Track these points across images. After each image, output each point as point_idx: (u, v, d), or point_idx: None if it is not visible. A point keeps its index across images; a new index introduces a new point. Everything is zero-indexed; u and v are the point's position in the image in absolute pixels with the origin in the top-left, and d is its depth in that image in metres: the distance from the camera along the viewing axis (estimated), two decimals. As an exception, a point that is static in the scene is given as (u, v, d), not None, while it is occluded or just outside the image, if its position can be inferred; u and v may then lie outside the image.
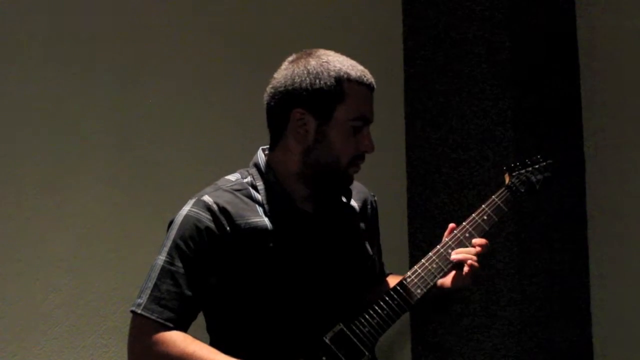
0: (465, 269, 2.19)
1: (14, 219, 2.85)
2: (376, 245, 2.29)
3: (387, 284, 2.30)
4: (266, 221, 2.05)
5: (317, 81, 2.06)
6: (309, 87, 2.06)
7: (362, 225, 2.22)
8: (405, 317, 3.74)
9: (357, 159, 2.11)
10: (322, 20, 3.52)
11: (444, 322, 3.63)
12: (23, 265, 2.86)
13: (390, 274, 2.35)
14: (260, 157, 2.14)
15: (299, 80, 2.07)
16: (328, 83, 2.06)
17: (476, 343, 3.54)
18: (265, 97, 2.13)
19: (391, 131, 3.74)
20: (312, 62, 2.08)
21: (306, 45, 2.20)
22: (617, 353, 3.64)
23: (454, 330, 3.60)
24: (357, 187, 2.23)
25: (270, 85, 2.12)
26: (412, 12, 3.80)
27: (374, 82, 2.12)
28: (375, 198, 2.32)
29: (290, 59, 2.13)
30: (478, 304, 3.54)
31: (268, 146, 2.16)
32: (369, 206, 2.27)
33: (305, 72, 2.07)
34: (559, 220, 3.62)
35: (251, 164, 2.15)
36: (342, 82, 2.06)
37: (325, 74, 2.06)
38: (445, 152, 3.66)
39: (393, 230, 3.64)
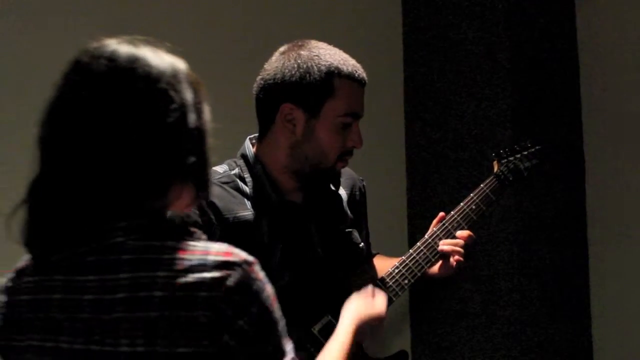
0: (452, 261, 2.20)
1: (14, 219, 2.84)
2: (364, 229, 2.29)
3: (373, 266, 2.29)
4: (254, 214, 2.05)
5: (307, 76, 2.03)
6: (298, 81, 2.03)
7: (350, 213, 2.22)
8: (405, 316, 3.75)
9: (345, 155, 2.09)
10: (321, 19, 3.52)
11: (444, 322, 3.63)
12: (23, 265, 2.85)
13: (377, 254, 2.35)
14: (248, 147, 2.12)
15: (289, 74, 2.04)
16: (318, 78, 2.03)
17: (476, 343, 3.54)
18: (255, 88, 2.10)
19: (391, 131, 3.74)
20: (303, 55, 2.05)
21: (306, 44, 2.18)
22: (617, 353, 3.64)
23: (454, 330, 3.60)
24: (345, 173, 2.21)
25: (260, 77, 2.09)
26: (412, 12, 3.79)
27: (365, 77, 2.09)
28: (364, 183, 2.31)
29: (281, 49, 2.10)
30: (478, 304, 3.54)
31: (256, 135, 2.14)
32: (357, 192, 2.26)
33: (296, 65, 2.04)
34: (559, 220, 3.61)
35: (238, 154, 2.13)
36: (333, 77, 2.04)
37: (315, 68, 2.03)
38: (445, 152, 3.66)
39: (393, 230, 3.64)
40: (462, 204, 2.27)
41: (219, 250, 1.32)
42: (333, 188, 2.19)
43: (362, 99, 2.10)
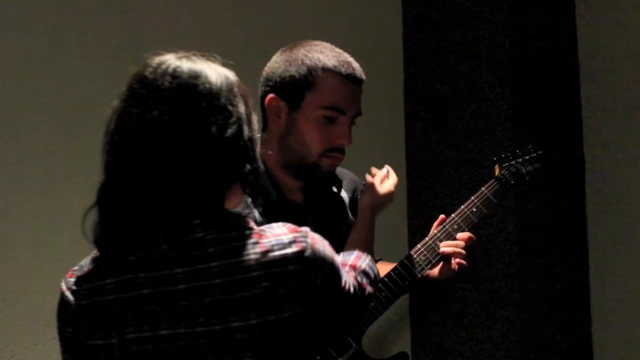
0: (453, 262, 2.19)
1: (14, 219, 2.85)
2: None
3: None
4: (255, 213, 2.04)
5: (291, 69, 2.06)
6: (282, 73, 2.07)
7: (351, 215, 2.22)
8: (405, 316, 3.75)
9: (331, 151, 2.08)
10: (322, 20, 3.52)
11: (444, 322, 3.63)
12: (23, 265, 2.86)
13: (380, 259, 2.35)
14: None
15: (276, 66, 2.09)
16: (299, 70, 2.05)
17: (476, 343, 3.54)
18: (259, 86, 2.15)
19: (391, 131, 3.74)
20: (295, 52, 2.09)
21: (306, 45, 2.19)
22: (617, 353, 3.64)
23: (454, 330, 3.60)
24: (348, 176, 2.22)
25: (261, 75, 2.14)
26: (412, 12, 3.80)
27: (357, 75, 2.08)
28: None
29: (282, 48, 2.14)
30: (478, 304, 3.54)
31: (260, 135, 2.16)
32: (358, 195, 2.26)
33: (283, 60, 2.08)
34: (559, 220, 3.61)
35: None
36: (314, 70, 2.05)
37: (299, 61, 2.06)
38: (445, 152, 3.66)
39: (393, 230, 3.64)
40: (462, 206, 2.27)
41: (285, 230, 1.56)
42: (335, 190, 2.19)
43: (350, 95, 2.08)
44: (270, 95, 2.07)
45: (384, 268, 2.26)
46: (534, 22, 3.62)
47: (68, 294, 1.57)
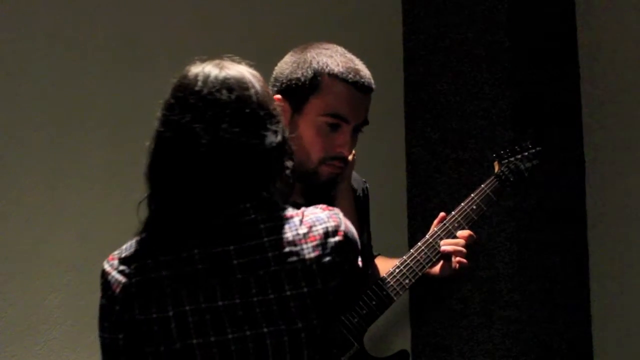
0: (453, 261, 2.19)
1: (14, 219, 2.85)
2: (366, 231, 2.28)
3: (375, 267, 2.29)
4: None
5: (298, 71, 2.04)
6: (289, 75, 2.05)
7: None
8: (406, 317, 3.75)
9: (331, 159, 2.06)
10: (322, 20, 3.52)
11: (444, 322, 3.63)
12: (23, 265, 2.86)
13: (379, 255, 2.34)
14: None
15: (285, 68, 2.07)
16: (305, 74, 2.03)
17: (476, 343, 3.54)
18: None
19: (391, 131, 3.73)
20: (305, 53, 2.06)
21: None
22: (617, 353, 3.64)
23: (454, 330, 3.60)
24: None
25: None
26: (412, 12, 3.80)
27: (366, 83, 2.06)
28: (367, 185, 2.30)
29: (295, 48, 2.12)
30: (478, 304, 3.54)
31: None
32: (360, 194, 2.25)
33: (292, 61, 2.07)
34: (559, 220, 3.61)
35: None
36: (320, 75, 2.03)
37: (307, 64, 2.04)
38: (445, 152, 3.66)
39: (393, 230, 3.64)
40: (462, 204, 2.27)
41: (319, 210, 1.70)
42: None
43: (355, 104, 2.05)
44: (276, 96, 2.05)
45: (384, 264, 2.26)
46: (534, 22, 3.62)
47: (114, 273, 1.65)
